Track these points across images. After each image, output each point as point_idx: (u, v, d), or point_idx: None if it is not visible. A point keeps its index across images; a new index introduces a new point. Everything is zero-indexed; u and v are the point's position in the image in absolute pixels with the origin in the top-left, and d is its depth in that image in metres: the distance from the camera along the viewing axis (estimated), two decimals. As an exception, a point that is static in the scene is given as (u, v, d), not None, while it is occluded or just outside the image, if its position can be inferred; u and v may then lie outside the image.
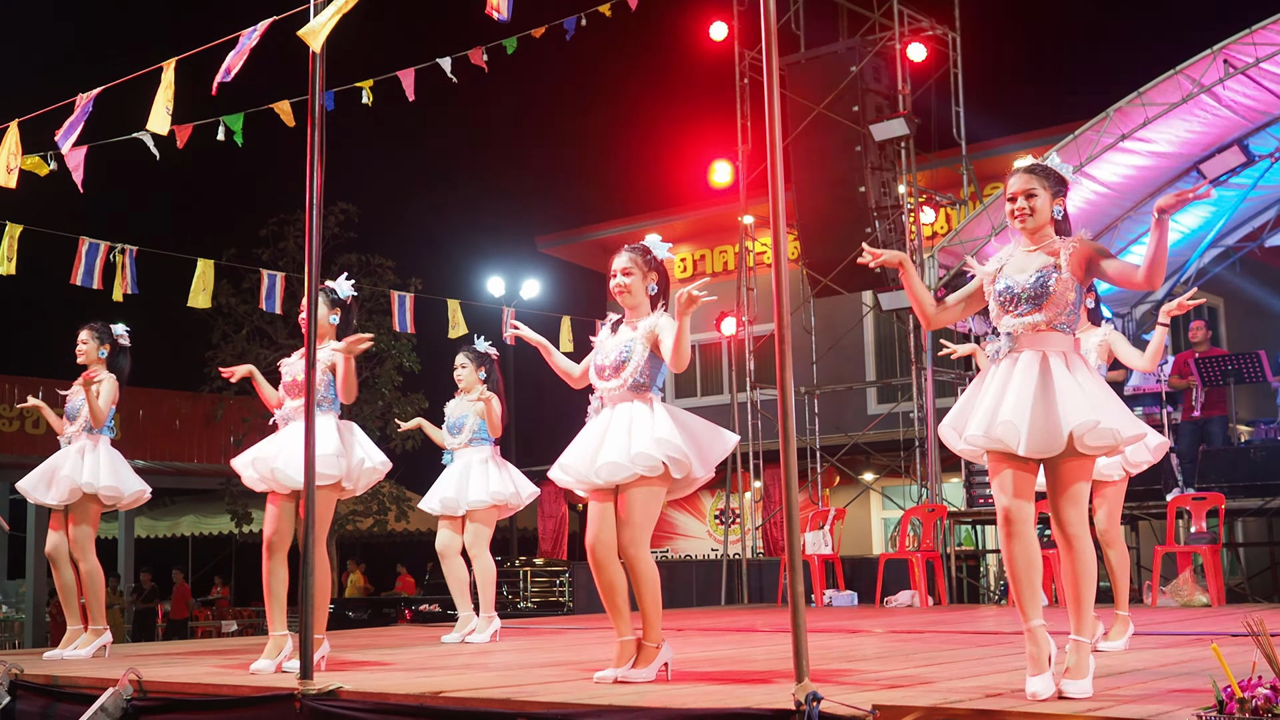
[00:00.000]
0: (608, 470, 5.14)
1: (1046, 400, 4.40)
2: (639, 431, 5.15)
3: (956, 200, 16.03)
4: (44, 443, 7.68)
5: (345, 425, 6.50)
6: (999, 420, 4.43)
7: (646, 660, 5.12)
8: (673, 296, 5.15)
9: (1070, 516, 4.42)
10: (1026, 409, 4.39)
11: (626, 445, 5.12)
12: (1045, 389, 4.42)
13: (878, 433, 17.13)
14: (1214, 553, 10.76)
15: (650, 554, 5.20)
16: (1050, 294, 4.52)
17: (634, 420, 5.21)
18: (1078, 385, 4.43)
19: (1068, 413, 4.36)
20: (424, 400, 20.69)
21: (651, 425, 5.17)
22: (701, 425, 5.36)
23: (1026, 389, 4.43)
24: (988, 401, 4.51)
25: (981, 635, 7.75)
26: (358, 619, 17.88)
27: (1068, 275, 4.52)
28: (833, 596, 12.89)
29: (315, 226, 5.43)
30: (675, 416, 5.27)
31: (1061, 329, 4.54)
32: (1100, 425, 4.35)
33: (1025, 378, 4.46)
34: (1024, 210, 4.64)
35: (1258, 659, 3.58)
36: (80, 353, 7.49)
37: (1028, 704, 4.03)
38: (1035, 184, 4.64)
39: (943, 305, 4.88)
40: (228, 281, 19.79)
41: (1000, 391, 4.50)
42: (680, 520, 22.47)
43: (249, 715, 5.14)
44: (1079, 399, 4.38)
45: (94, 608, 7.21)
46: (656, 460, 5.09)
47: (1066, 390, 4.40)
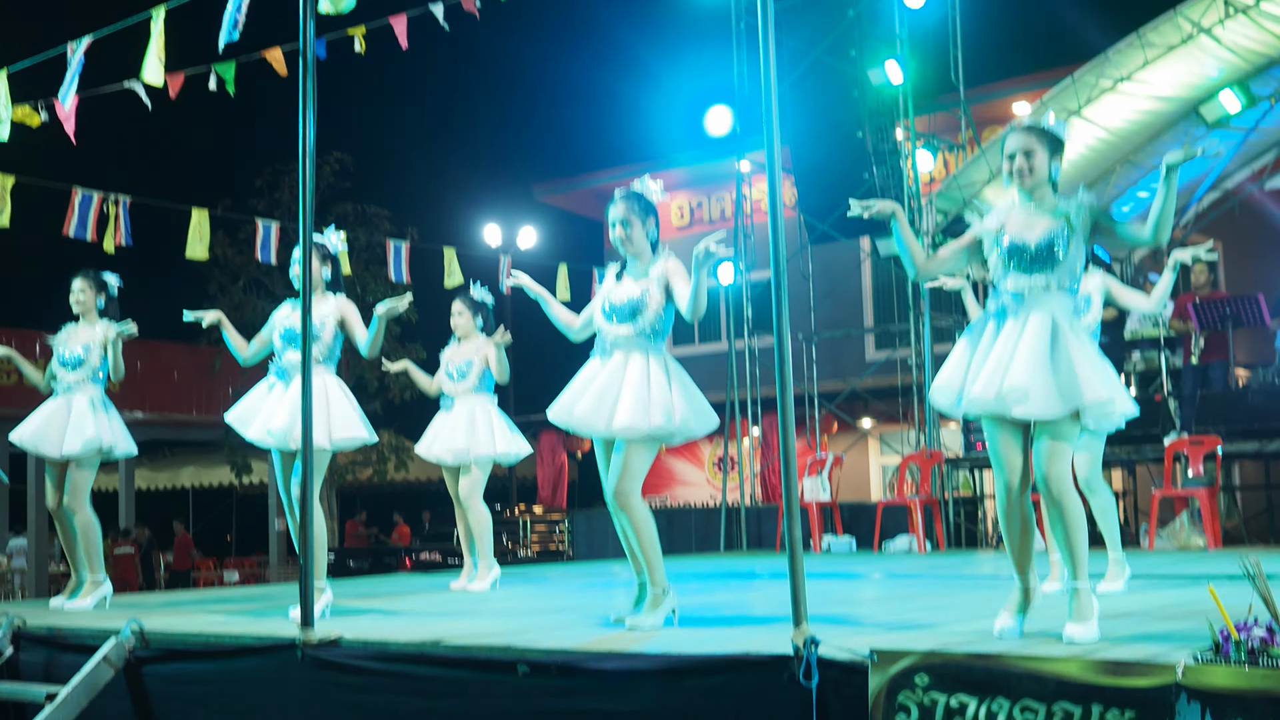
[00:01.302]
0: (623, 432, 5.20)
1: (1059, 368, 4.39)
2: (656, 394, 5.21)
3: (954, 145, 15.95)
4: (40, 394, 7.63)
5: (340, 382, 6.56)
6: (1008, 385, 4.41)
7: (653, 605, 5.17)
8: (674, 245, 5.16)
9: (1054, 472, 4.43)
10: (1040, 375, 4.38)
11: (644, 410, 5.16)
12: (1056, 355, 4.41)
13: (876, 379, 17.14)
14: (1211, 496, 10.80)
15: (643, 501, 5.27)
16: (1060, 255, 4.50)
17: (650, 380, 5.24)
18: (1088, 357, 4.44)
19: (1086, 385, 4.37)
20: (422, 350, 20.69)
21: (667, 389, 5.23)
22: (696, 390, 5.41)
23: (1038, 354, 4.41)
24: (995, 362, 4.49)
25: (979, 580, 7.79)
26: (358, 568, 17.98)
27: (1078, 238, 4.51)
28: (831, 542, 12.95)
29: (308, 176, 5.41)
30: (675, 372, 5.33)
31: (1067, 290, 4.53)
32: (1114, 403, 4.42)
33: (1035, 341, 4.44)
34: (1023, 168, 4.61)
35: (1254, 601, 3.60)
36: (77, 302, 7.42)
37: (1025, 647, 4.05)
38: (1034, 143, 4.61)
39: (934, 256, 4.86)
40: (223, 232, 19.74)
41: (1009, 353, 4.48)
42: (679, 468, 22.55)
43: (251, 665, 5.17)
44: (1093, 373, 4.40)
45: (92, 558, 7.21)
46: (672, 429, 5.18)
47: (1081, 361, 4.41)
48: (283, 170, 21.04)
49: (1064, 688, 3.43)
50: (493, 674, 4.47)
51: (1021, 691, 3.48)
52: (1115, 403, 4.43)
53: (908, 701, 3.64)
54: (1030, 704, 3.46)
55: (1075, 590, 4.40)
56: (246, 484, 22.50)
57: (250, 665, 5.17)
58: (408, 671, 4.69)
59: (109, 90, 8.51)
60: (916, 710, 3.62)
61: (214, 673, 5.28)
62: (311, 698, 4.93)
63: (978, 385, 4.50)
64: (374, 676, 4.77)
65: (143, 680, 5.44)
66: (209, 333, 20.74)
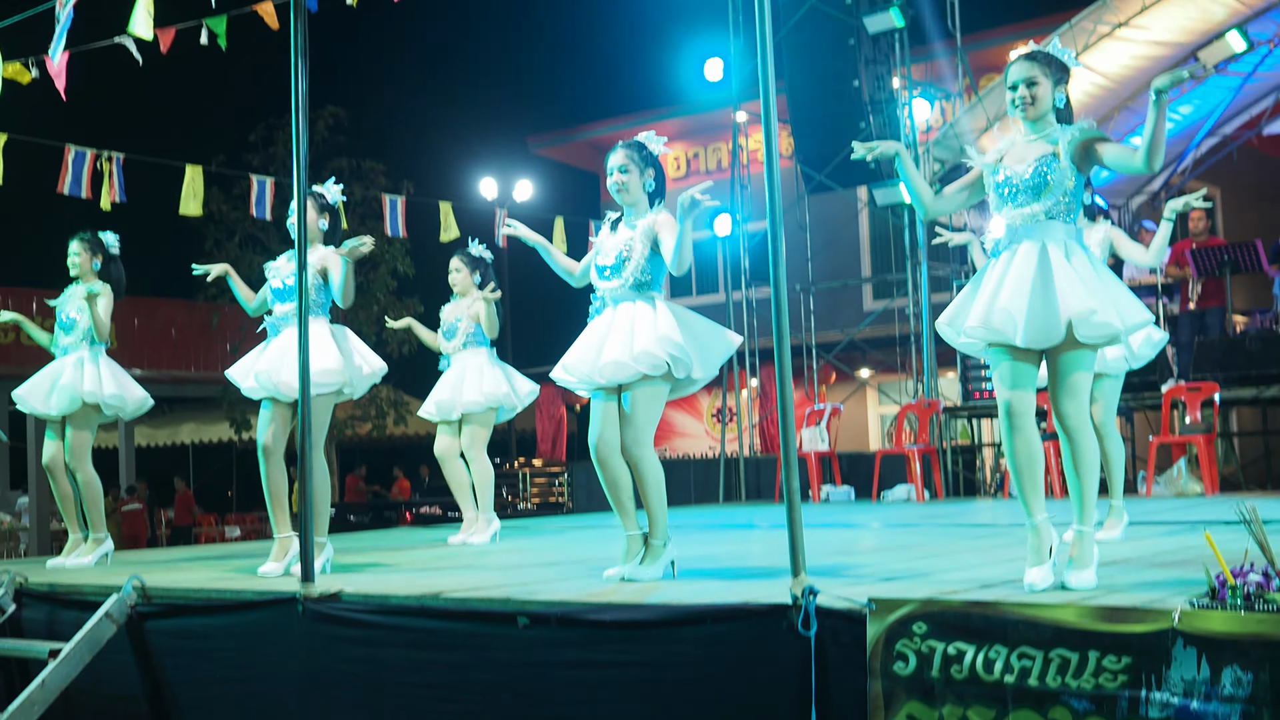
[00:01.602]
0: (611, 370, 5.17)
1: (1045, 289, 4.35)
2: (642, 330, 5.17)
3: (951, 93, 15.87)
4: (41, 353, 7.64)
5: (339, 330, 6.49)
6: (997, 309, 4.39)
7: (654, 558, 5.17)
8: (670, 195, 5.11)
9: (1069, 409, 4.39)
10: (1024, 298, 4.35)
11: (630, 344, 5.14)
12: (1044, 278, 4.37)
13: (874, 329, 17.14)
14: (1208, 442, 10.82)
15: (654, 452, 5.24)
16: (1049, 184, 4.46)
17: (636, 319, 5.21)
18: (1075, 274, 4.37)
19: (1066, 301, 4.31)
20: (419, 305, 20.69)
21: (654, 324, 5.18)
22: (704, 324, 5.36)
23: (1024, 279, 4.39)
24: (986, 293, 4.48)
25: (977, 528, 7.82)
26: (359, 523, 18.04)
27: (1066, 164, 4.45)
28: (830, 492, 12.98)
29: (301, 131, 5.38)
30: (678, 315, 5.28)
31: (1060, 218, 4.48)
32: (1096, 315, 4.30)
33: (1023, 268, 4.42)
34: (1025, 98, 4.55)
35: (1250, 546, 3.61)
36: (73, 263, 7.43)
37: (1023, 595, 4.07)
38: (1037, 71, 4.54)
39: (942, 194, 4.83)
40: (218, 188, 19.68)
41: (998, 282, 4.46)
42: (678, 419, 22.58)
43: (252, 619, 5.20)
44: (1076, 287, 4.33)
45: (94, 516, 7.24)
46: (660, 359, 5.12)
47: (1065, 279, 4.35)
48: (277, 125, 20.95)
49: (1061, 634, 3.45)
50: (493, 626, 4.49)
51: (1019, 639, 3.50)
52: (1103, 313, 4.30)
53: (905, 650, 3.66)
54: (1028, 651, 3.48)
55: (1080, 534, 4.36)
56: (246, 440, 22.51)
57: (251, 620, 5.20)
58: (408, 625, 4.71)
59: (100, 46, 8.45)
60: (914, 658, 3.64)
61: (215, 627, 5.31)
62: (312, 651, 4.96)
63: (971, 317, 4.49)
64: (374, 630, 4.79)
65: (145, 636, 5.47)
66: (206, 289, 20.74)
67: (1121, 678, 3.34)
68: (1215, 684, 3.21)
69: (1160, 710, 3.27)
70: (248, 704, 5.15)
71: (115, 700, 5.54)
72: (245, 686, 5.17)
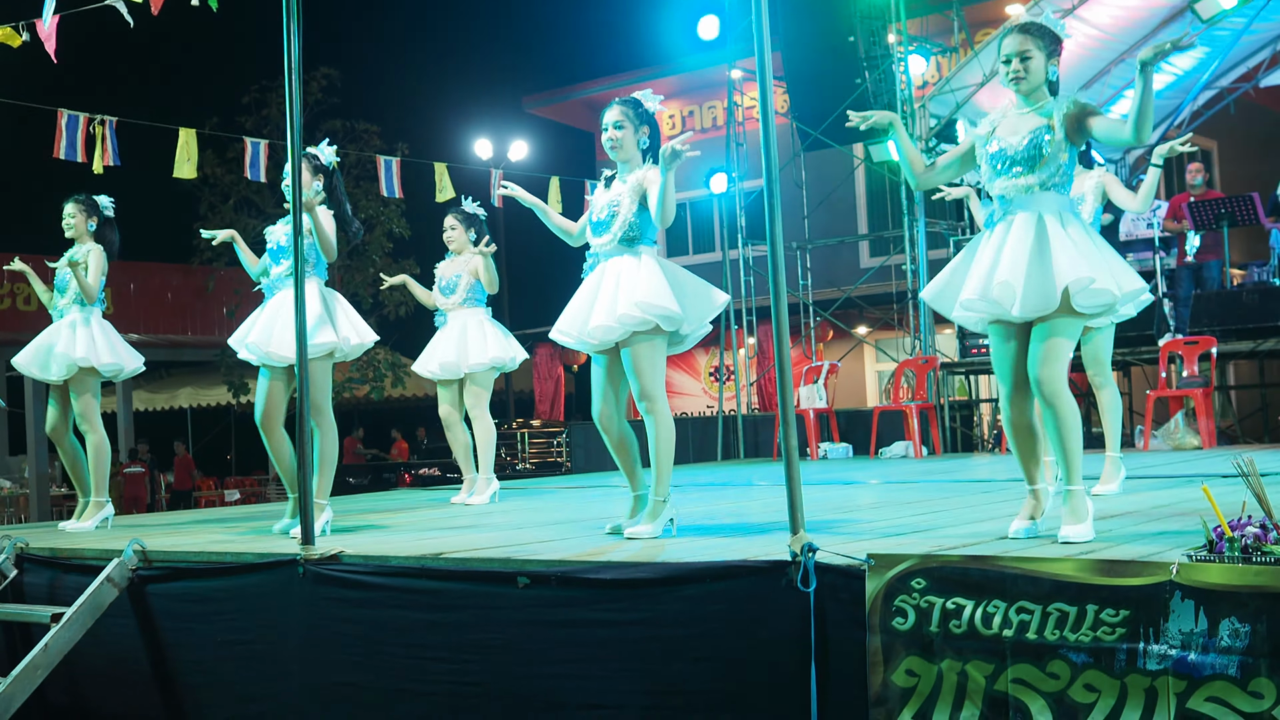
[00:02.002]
0: (600, 333, 5.20)
1: (1042, 259, 4.38)
2: (626, 290, 5.17)
3: (947, 48, 15.79)
4: (37, 319, 7.66)
5: (330, 293, 6.50)
6: (995, 282, 4.41)
7: (654, 515, 5.19)
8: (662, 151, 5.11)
9: (1047, 374, 4.41)
10: (1022, 269, 4.37)
11: (614, 306, 5.15)
12: (1040, 248, 4.40)
13: (870, 286, 17.13)
14: (1206, 396, 10.84)
15: (667, 405, 5.26)
16: (1043, 156, 4.46)
17: (621, 278, 5.22)
18: (1073, 243, 4.40)
19: (1062, 269, 4.33)
20: (415, 265, 20.63)
21: (636, 282, 5.18)
22: (692, 280, 5.37)
23: (1021, 250, 4.41)
24: (984, 265, 4.49)
25: (976, 484, 7.84)
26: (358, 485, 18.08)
27: (1060, 136, 4.47)
28: (828, 449, 13.01)
29: (295, 93, 5.36)
30: (666, 270, 5.27)
31: (1055, 189, 4.50)
32: (1095, 283, 4.34)
33: (1020, 239, 4.44)
34: (1019, 71, 4.55)
35: (1247, 499, 3.62)
36: (69, 226, 7.42)
37: (1020, 549, 4.09)
38: (1030, 44, 4.54)
39: (933, 165, 4.83)
40: (212, 151, 19.60)
41: (995, 254, 4.48)
42: (676, 378, 22.59)
43: (253, 581, 5.21)
44: (1074, 256, 4.36)
45: (98, 479, 7.25)
46: (646, 319, 5.14)
47: (1062, 248, 4.38)
48: (270, 87, 20.86)
49: (1060, 588, 3.47)
50: (493, 586, 4.51)
51: (1018, 593, 3.52)
52: (1098, 280, 4.35)
53: (904, 605, 3.67)
54: (1026, 605, 3.50)
55: (1070, 492, 4.42)
56: (244, 403, 22.54)
57: (252, 582, 5.21)
58: (408, 585, 4.73)
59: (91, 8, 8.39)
60: (913, 613, 3.66)
61: (216, 590, 5.32)
62: (313, 613, 4.97)
63: (967, 289, 4.51)
64: (375, 591, 4.81)
65: (146, 599, 5.49)
66: (201, 253, 20.72)
67: (1120, 630, 3.35)
68: (1213, 636, 3.23)
69: (1158, 662, 3.29)
70: (249, 665, 5.17)
71: (117, 663, 5.56)
72: (246, 648, 5.19)
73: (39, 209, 9.32)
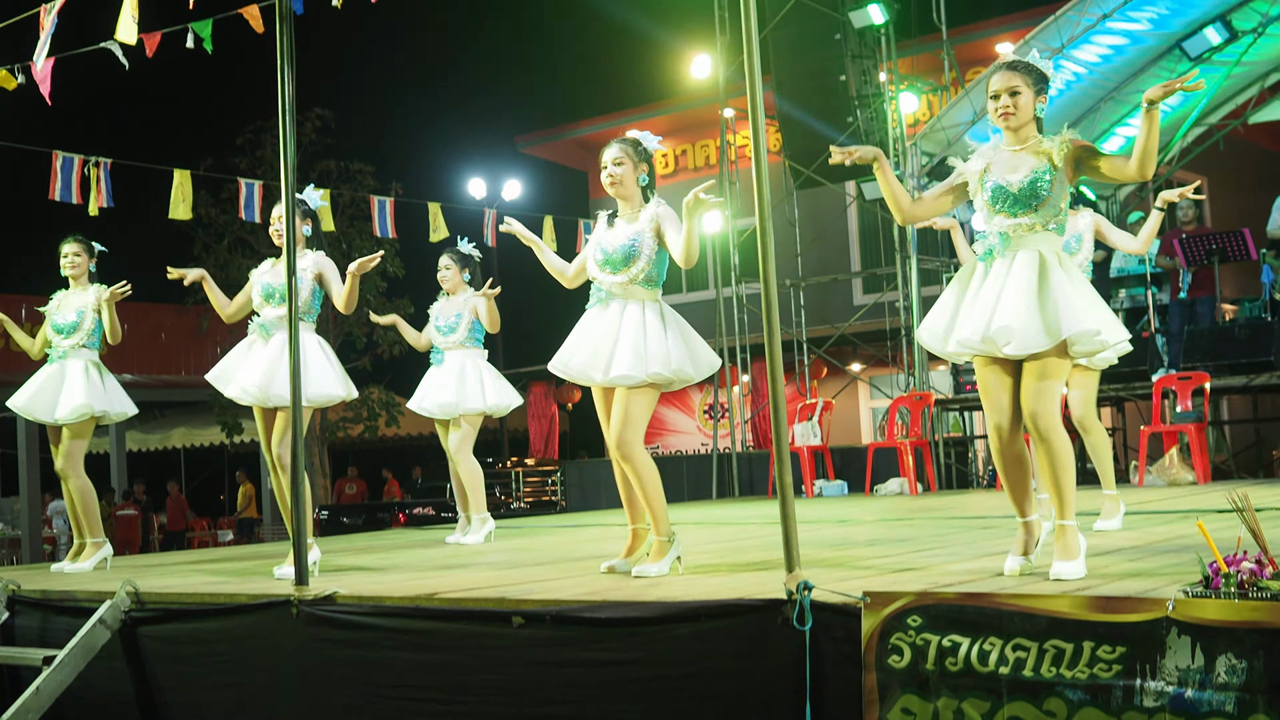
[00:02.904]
0: (620, 380, 5.23)
1: (1044, 302, 4.39)
2: (653, 342, 5.24)
3: (938, 86, 15.88)
4: (26, 360, 7.63)
5: (321, 340, 6.57)
6: (996, 325, 4.41)
7: (660, 554, 5.21)
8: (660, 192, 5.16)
9: (1040, 409, 4.43)
10: (1024, 313, 4.38)
11: (641, 358, 5.20)
12: (1043, 291, 4.41)
13: (864, 323, 17.15)
14: (1199, 431, 10.84)
15: (645, 450, 5.30)
16: (1045, 197, 4.48)
17: (647, 329, 5.28)
18: (1073, 287, 4.43)
19: (1065, 316, 4.35)
20: (409, 305, 20.64)
21: (663, 336, 5.27)
22: (695, 338, 5.44)
23: (1024, 292, 4.41)
24: (983, 305, 4.49)
25: (971, 520, 7.82)
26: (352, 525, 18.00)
27: (1060, 176, 4.49)
28: (823, 487, 12.99)
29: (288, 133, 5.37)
30: (676, 323, 5.37)
31: (1053, 229, 4.52)
32: (1100, 335, 4.39)
33: (1021, 280, 4.44)
34: (1008, 108, 4.57)
35: (1242, 534, 3.62)
36: (71, 266, 7.42)
37: (1016, 586, 4.08)
38: (1019, 81, 4.57)
39: (919, 200, 4.84)
40: (206, 192, 19.62)
41: (995, 294, 4.47)
42: (670, 416, 22.58)
43: (246, 623, 5.19)
44: (1077, 303, 4.39)
45: (89, 522, 7.23)
46: (669, 376, 5.23)
47: (1064, 293, 4.40)
48: (264, 128, 20.89)
49: (1056, 625, 3.46)
50: (487, 626, 4.49)
51: (1014, 630, 3.51)
52: (1102, 333, 4.39)
53: (901, 643, 3.66)
54: (1022, 642, 3.49)
55: (1061, 528, 4.41)
56: (238, 443, 22.48)
57: (246, 623, 5.19)
58: (403, 626, 4.71)
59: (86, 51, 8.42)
60: (910, 651, 3.64)
61: (210, 632, 5.30)
62: (307, 654, 4.95)
63: (965, 327, 4.51)
64: (369, 631, 4.79)
65: (139, 641, 5.46)
66: (195, 293, 20.64)
67: (1116, 667, 3.34)
68: (1210, 672, 3.21)
69: (1155, 699, 3.27)
70: (242, 707, 5.14)
71: (109, 706, 5.52)
72: (240, 690, 5.16)
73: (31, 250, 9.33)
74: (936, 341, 4.65)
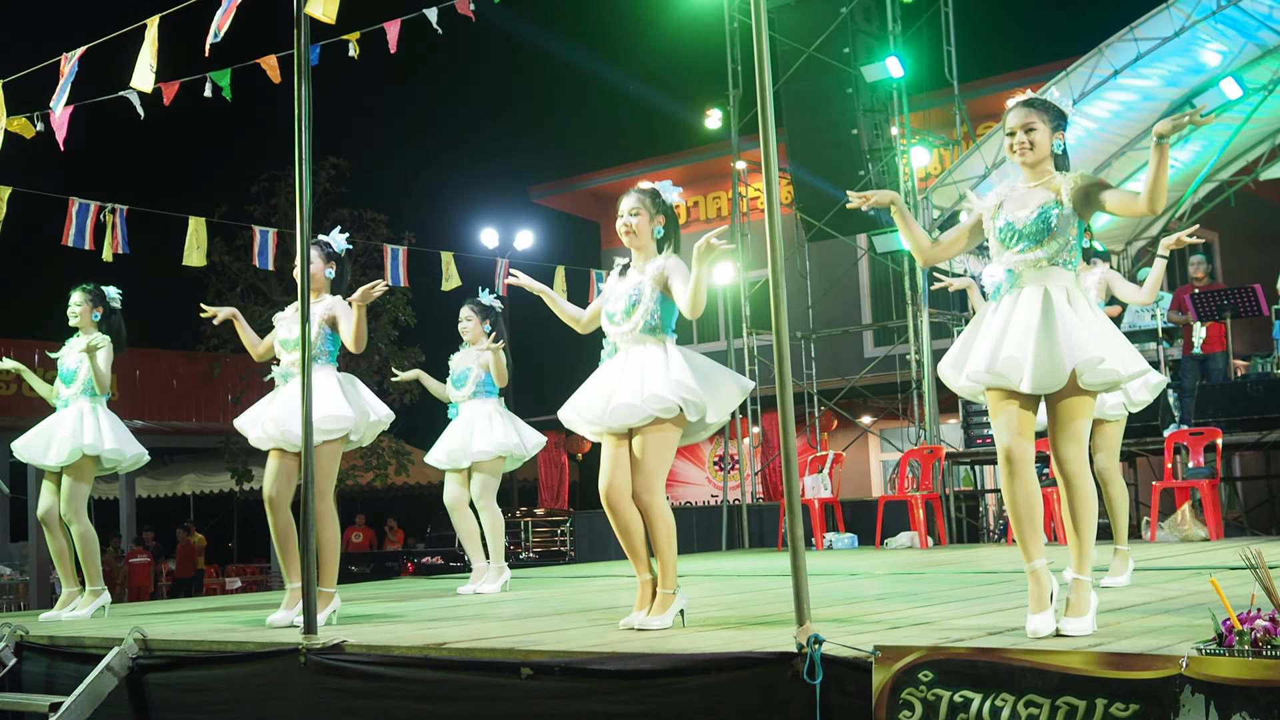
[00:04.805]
0: (623, 413, 5.14)
1: (1050, 335, 4.37)
2: (653, 374, 5.14)
3: (950, 140, 15.96)
4: (41, 405, 7.66)
5: (346, 378, 6.52)
6: (1002, 356, 4.39)
7: (663, 607, 5.14)
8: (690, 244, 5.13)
9: (1069, 454, 4.39)
10: (1030, 344, 4.36)
11: (640, 387, 5.11)
12: (1048, 324, 4.39)
13: (875, 376, 17.15)
14: (1212, 487, 10.79)
15: (665, 499, 5.21)
16: (1052, 230, 4.48)
17: (647, 363, 5.19)
18: (1080, 320, 4.40)
19: (1071, 348, 4.33)
20: (420, 354, 20.69)
21: (665, 368, 5.16)
22: (716, 368, 5.34)
23: (1029, 324, 4.40)
24: (990, 337, 4.49)
25: (982, 575, 7.78)
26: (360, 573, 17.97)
27: (1069, 211, 4.48)
28: (833, 539, 12.93)
29: (305, 184, 5.41)
30: (689, 358, 5.27)
31: (1062, 265, 4.50)
32: (1105, 363, 4.33)
33: (1028, 313, 4.43)
34: (1024, 144, 4.57)
35: (1256, 591, 3.59)
36: (74, 315, 7.45)
37: (1028, 642, 4.05)
38: (1035, 118, 4.57)
39: (939, 242, 4.85)
40: (220, 239, 19.73)
41: (1003, 327, 4.47)
42: (680, 467, 22.55)
43: (254, 670, 5.17)
44: (1083, 334, 4.36)
45: (90, 569, 7.21)
46: (672, 402, 5.10)
47: (1070, 325, 4.37)
48: (279, 176, 21.04)
49: (1068, 682, 3.43)
50: (496, 676, 4.47)
51: (1026, 686, 3.48)
52: (1108, 361, 4.33)
53: (911, 698, 3.63)
54: (1034, 699, 3.46)
55: (1076, 582, 4.35)
56: (248, 490, 22.47)
57: (253, 671, 5.17)
58: (411, 676, 4.68)
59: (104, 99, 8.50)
60: (920, 706, 3.61)
61: (217, 679, 5.27)
62: (315, 703, 4.92)
63: (973, 361, 4.49)
64: (377, 681, 4.76)
65: (145, 689, 5.44)
66: (207, 340, 20.78)
67: (1129, 725, 3.31)
68: (1224, 731, 3.19)
69: (1169, 758, 3.24)
70: (249, 757, 5.11)
71: (116, 754, 5.49)
72: (247, 739, 5.13)
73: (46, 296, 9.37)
74: (953, 380, 4.65)
